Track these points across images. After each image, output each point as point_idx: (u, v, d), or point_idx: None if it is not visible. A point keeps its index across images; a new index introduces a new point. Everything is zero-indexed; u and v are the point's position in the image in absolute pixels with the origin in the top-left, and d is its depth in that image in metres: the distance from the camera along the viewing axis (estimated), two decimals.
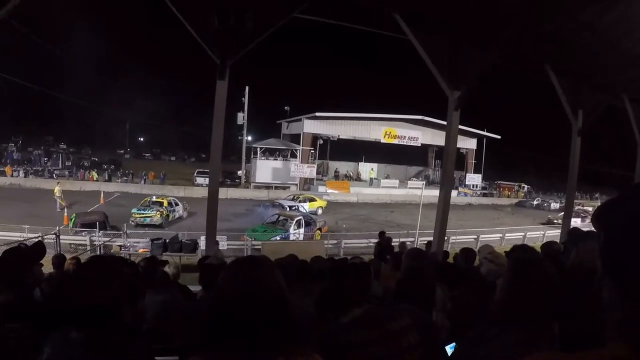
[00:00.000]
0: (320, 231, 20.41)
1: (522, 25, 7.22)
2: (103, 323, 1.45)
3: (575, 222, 22.01)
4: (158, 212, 21.30)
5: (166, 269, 4.15)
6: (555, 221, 31.01)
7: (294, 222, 18.99)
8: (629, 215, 0.68)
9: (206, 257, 6.22)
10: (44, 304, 2.88)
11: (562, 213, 30.93)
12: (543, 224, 31.33)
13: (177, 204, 23.53)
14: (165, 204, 22.48)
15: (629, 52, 7.82)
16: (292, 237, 18.23)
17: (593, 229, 0.81)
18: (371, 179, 44.62)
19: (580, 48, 8.19)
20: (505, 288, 1.62)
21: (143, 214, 21.10)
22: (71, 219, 17.64)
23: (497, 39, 7.56)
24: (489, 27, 7.48)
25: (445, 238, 10.18)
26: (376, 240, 12.17)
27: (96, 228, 16.41)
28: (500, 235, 22.91)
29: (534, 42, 8.29)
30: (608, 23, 6.86)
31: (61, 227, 15.22)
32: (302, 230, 19.10)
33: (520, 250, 3.28)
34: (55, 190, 23.42)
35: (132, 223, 20.14)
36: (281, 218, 19.91)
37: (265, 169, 37.59)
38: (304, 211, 24.53)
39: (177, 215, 23.13)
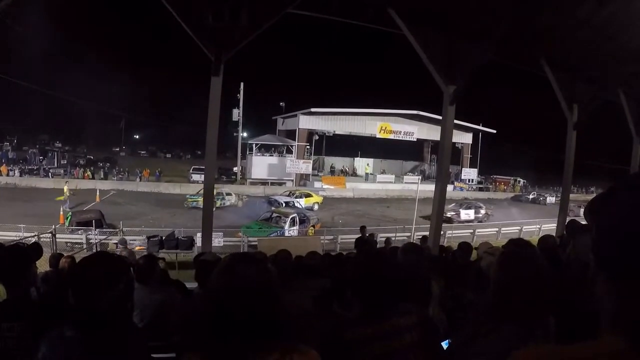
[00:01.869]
0: (314, 228, 20.38)
1: (517, 19, 7.21)
2: (104, 322, 1.45)
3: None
4: None
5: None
6: (447, 215, 22.58)
7: (289, 219, 18.91)
8: (620, 207, 0.69)
9: (202, 253, 6.21)
10: (41, 302, 2.87)
11: (453, 204, 30.43)
12: (424, 217, 21.37)
13: (229, 195, 27.91)
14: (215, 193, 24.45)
15: (625, 46, 7.83)
16: (286, 235, 18.17)
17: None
18: (367, 174, 44.53)
19: (575, 42, 8.20)
20: (497, 283, 1.62)
21: (194, 198, 25.14)
22: (67, 218, 17.62)
23: (493, 33, 7.55)
24: (484, 22, 7.48)
25: (441, 232, 10.20)
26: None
27: (92, 226, 16.37)
28: (497, 229, 22.99)
29: (530, 37, 8.29)
30: (604, 18, 6.86)
31: (57, 226, 15.18)
32: (296, 227, 19.06)
33: (515, 244, 3.27)
34: (65, 190, 24.25)
35: (186, 206, 25.09)
36: (275, 215, 19.83)
37: (261, 165, 37.41)
38: (300, 207, 24.52)
39: (227, 204, 26.98)
